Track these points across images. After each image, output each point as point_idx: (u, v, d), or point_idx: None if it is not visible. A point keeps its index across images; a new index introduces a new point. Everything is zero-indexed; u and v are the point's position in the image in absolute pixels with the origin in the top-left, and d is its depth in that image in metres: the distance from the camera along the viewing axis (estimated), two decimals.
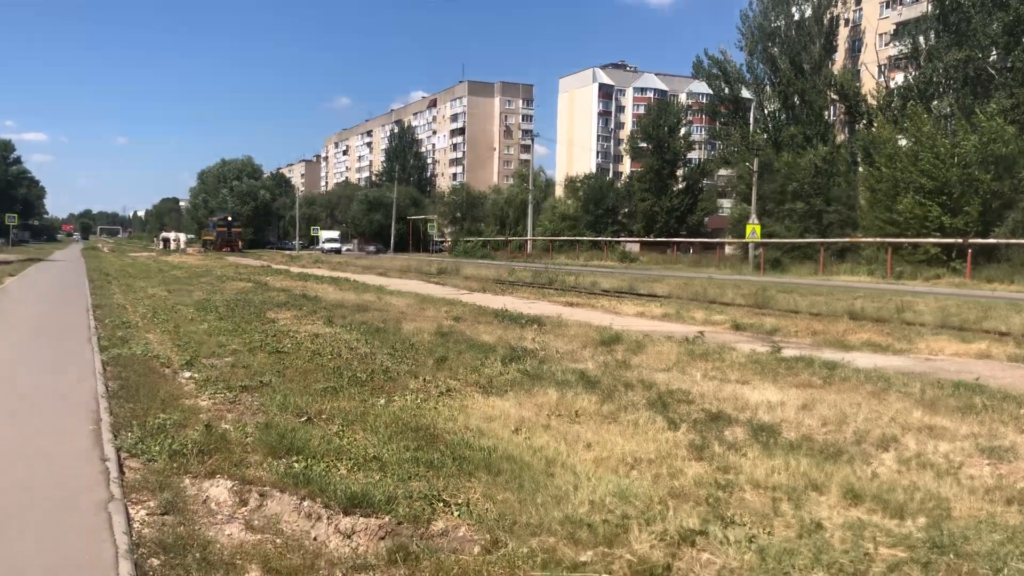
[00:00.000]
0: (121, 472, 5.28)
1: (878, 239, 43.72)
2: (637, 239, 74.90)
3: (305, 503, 4.82)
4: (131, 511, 4.64)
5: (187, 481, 5.24)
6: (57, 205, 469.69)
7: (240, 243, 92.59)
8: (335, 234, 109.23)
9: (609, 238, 73.43)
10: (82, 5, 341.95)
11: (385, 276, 33.40)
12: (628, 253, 67.44)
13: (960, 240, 38.78)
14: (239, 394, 8.13)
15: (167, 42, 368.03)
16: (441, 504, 4.70)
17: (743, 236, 55.27)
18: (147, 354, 10.45)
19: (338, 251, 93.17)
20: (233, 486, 5.12)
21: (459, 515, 4.55)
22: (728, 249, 62.13)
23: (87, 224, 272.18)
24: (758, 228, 48.56)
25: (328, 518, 4.66)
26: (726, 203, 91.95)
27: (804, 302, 20.70)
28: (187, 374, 9.31)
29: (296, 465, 5.50)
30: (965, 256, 38.88)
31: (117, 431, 6.32)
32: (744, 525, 4.25)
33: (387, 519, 4.57)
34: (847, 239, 48.49)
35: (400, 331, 12.87)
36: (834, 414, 6.72)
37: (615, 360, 9.91)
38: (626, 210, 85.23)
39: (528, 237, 76.81)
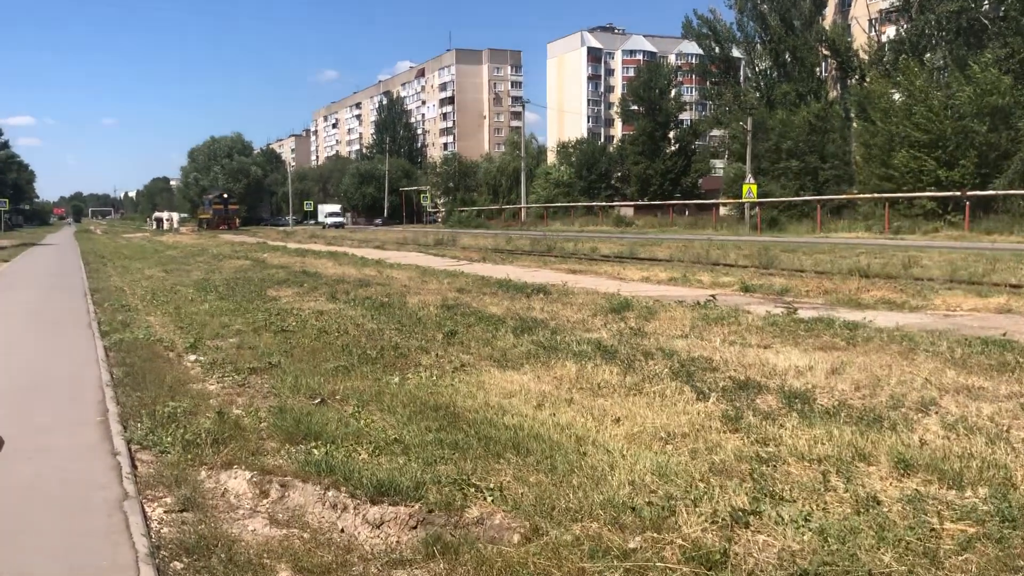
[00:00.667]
0: (134, 467, 5.06)
1: (874, 195, 43.42)
2: (632, 203, 74.42)
3: (329, 493, 4.60)
4: (148, 509, 4.42)
5: (203, 473, 5.02)
6: (48, 189, 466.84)
7: (237, 220, 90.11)
8: (336, 207, 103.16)
9: (604, 203, 72.98)
10: None
11: (383, 249, 33.07)
12: (623, 217, 67.01)
13: (958, 193, 38.52)
14: (248, 376, 7.90)
15: (152, 20, 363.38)
16: (472, 489, 4.48)
17: (739, 196, 54.90)
18: (150, 338, 10.21)
19: (341, 225, 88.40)
20: (252, 477, 4.90)
21: (493, 501, 4.32)
22: (724, 210, 61.77)
23: (79, 207, 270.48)
24: (754, 188, 48.23)
25: (355, 508, 4.45)
26: (719, 164, 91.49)
27: (808, 260, 20.49)
28: (192, 357, 9.07)
29: (316, 451, 5.28)
30: (962, 209, 38.68)
31: (126, 422, 6.08)
32: (795, 502, 4.04)
33: (417, 507, 4.35)
34: (844, 196, 48.19)
35: (405, 305, 12.62)
36: (866, 377, 6.51)
37: (629, 328, 9.68)
38: (619, 174, 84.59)
39: (522, 205, 76.36)
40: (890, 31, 58.12)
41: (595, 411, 5.90)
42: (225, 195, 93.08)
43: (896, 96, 46.47)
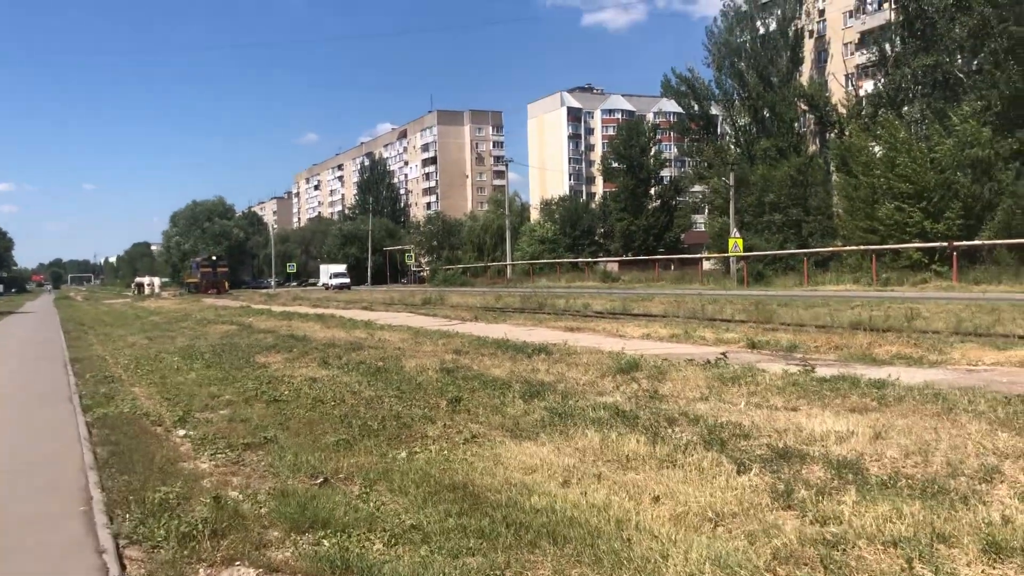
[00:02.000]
0: (122, 567, 4.49)
1: (861, 247, 43.50)
2: (617, 259, 74.50)
3: None
4: None
5: (202, 572, 4.45)
6: (26, 255, 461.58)
7: (227, 283, 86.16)
8: (342, 267, 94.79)
9: (589, 259, 73.01)
10: (41, 51, 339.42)
11: (370, 310, 32.53)
12: (609, 273, 66.94)
13: (945, 244, 38.61)
14: (242, 453, 7.36)
15: (132, 86, 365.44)
16: None
17: (723, 250, 55.00)
18: (135, 412, 9.62)
19: (347, 287, 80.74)
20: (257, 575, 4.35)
21: None
22: (708, 264, 61.79)
23: (58, 273, 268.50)
24: (740, 242, 48.25)
25: None
26: (700, 219, 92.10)
27: (807, 314, 20.16)
28: (182, 432, 8.51)
29: (325, 543, 4.74)
30: (947, 260, 38.76)
31: (112, 512, 5.51)
32: None
33: None
34: (830, 248, 48.26)
35: (402, 369, 12.11)
36: (913, 443, 6.05)
37: (643, 390, 9.21)
38: (602, 230, 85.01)
39: (508, 262, 76.20)
40: (867, 85, 59.06)
41: (629, 488, 5.40)
42: (214, 257, 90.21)
43: (876, 149, 46.92)
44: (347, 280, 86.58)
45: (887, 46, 56.09)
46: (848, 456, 5.82)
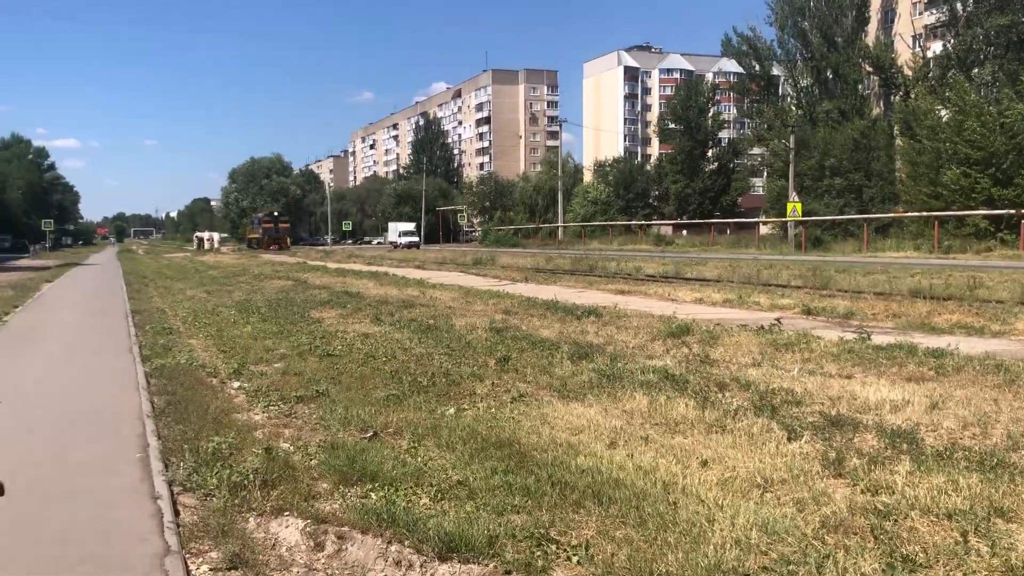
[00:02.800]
0: (176, 514, 4.60)
1: (923, 213, 42.32)
2: (671, 222, 73.67)
3: (392, 547, 4.12)
4: (192, 567, 3.96)
5: (252, 522, 4.55)
6: (91, 209, 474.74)
7: (288, 240, 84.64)
8: (410, 225, 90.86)
9: (643, 222, 72.31)
10: (106, 9, 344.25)
11: (423, 268, 32.72)
12: (663, 236, 66.28)
13: (1013, 212, 37.32)
14: (294, 406, 7.48)
15: (191, 44, 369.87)
16: (553, 546, 3.97)
17: (781, 214, 53.96)
18: (192, 363, 9.83)
19: (416, 245, 79.27)
20: (306, 526, 4.42)
21: (579, 562, 3.81)
22: (765, 228, 60.71)
23: (121, 227, 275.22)
24: (799, 206, 47.25)
25: (422, 566, 3.95)
26: (758, 182, 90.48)
27: (865, 281, 19.72)
28: (236, 384, 8.67)
29: (373, 495, 4.80)
30: (1015, 228, 37.47)
31: (167, 459, 5.65)
32: (934, 568, 3.48)
33: (492, 566, 3.86)
34: (891, 214, 47.07)
35: (452, 328, 12.17)
36: (971, 414, 5.90)
37: (693, 354, 9.12)
38: (656, 192, 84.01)
39: (560, 224, 75.83)
40: (936, 47, 57.02)
41: (677, 452, 5.36)
42: (276, 213, 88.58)
43: (943, 113, 45.42)
44: (416, 238, 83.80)
45: (958, 5, 54.02)
46: (903, 426, 5.70)
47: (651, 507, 4.33)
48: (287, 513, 4.62)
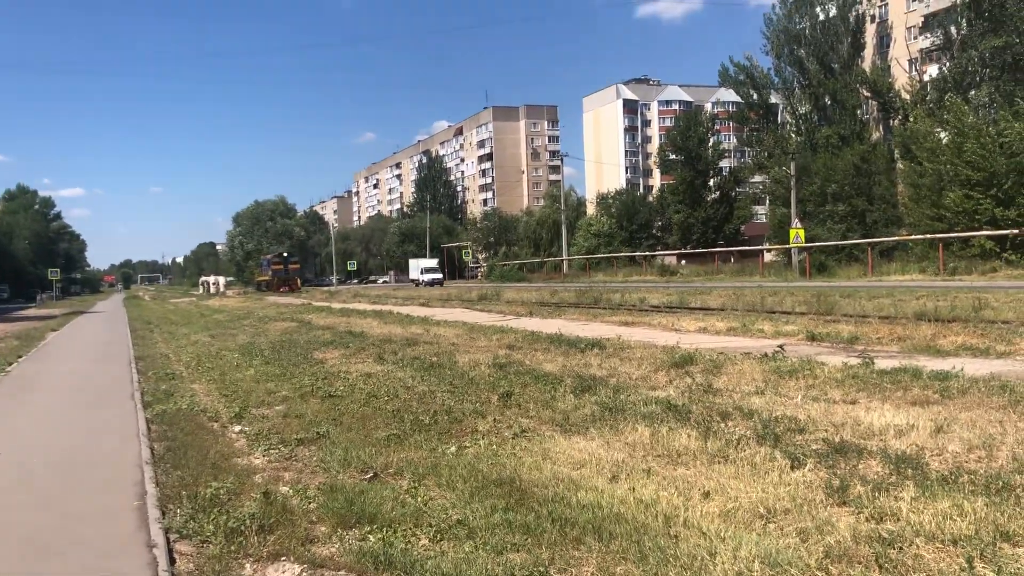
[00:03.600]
0: (171, 562, 4.55)
1: (927, 235, 42.27)
2: (675, 252, 73.79)
3: None
4: None
5: (248, 568, 4.49)
6: (98, 256, 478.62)
7: (299, 281, 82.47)
8: (433, 262, 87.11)
9: (647, 252, 72.39)
10: (109, 62, 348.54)
11: (427, 306, 32.71)
12: (667, 266, 66.33)
13: (1017, 231, 37.26)
14: (295, 449, 7.43)
15: (193, 91, 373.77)
16: None
17: (784, 241, 54.01)
18: (193, 408, 9.80)
19: (440, 282, 74.83)
20: (302, 571, 4.37)
21: None
22: (769, 256, 60.71)
23: (128, 273, 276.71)
24: (802, 232, 47.25)
25: None
26: (761, 210, 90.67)
27: (870, 305, 19.64)
28: (237, 428, 8.64)
29: (371, 538, 4.75)
30: (1019, 248, 37.39)
31: (165, 507, 5.60)
32: None
33: None
34: (895, 238, 47.04)
35: (455, 365, 12.12)
36: (977, 437, 5.83)
37: (696, 384, 9.06)
38: (659, 223, 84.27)
39: (564, 257, 75.95)
40: (932, 70, 57.44)
41: (679, 483, 5.29)
42: (285, 254, 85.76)
43: (943, 135, 45.57)
44: (440, 275, 79.81)
45: (952, 28, 54.54)
46: (907, 451, 5.62)
47: (652, 541, 4.26)
48: (283, 558, 4.56)
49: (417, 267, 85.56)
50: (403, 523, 4.96)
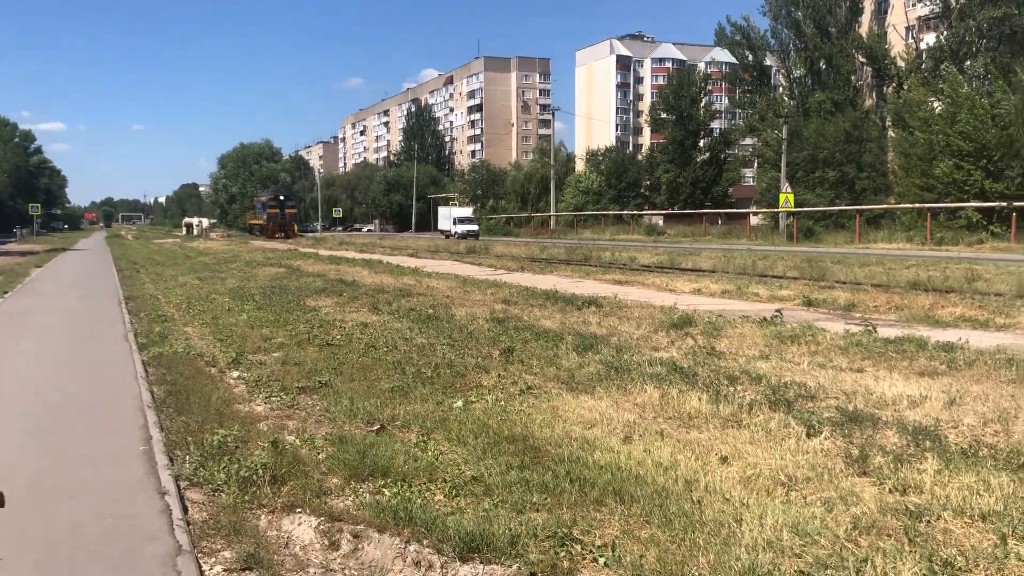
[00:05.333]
0: (185, 510, 4.47)
1: (916, 204, 42.38)
2: (663, 212, 73.66)
3: (411, 547, 3.99)
4: (205, 566, 3.82)
5: (264, 519, 4.42)
6: (79, 194, 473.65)
7: (295, 227, 75.85)
8: (468, 211, 76.51)
9: (635, 211, 72.24)
10: None
11: (416, 257, 32.56)
12: (654, 226, 66.31)
13: (1004, 204, 37.37)
14: (296, 397, 7.34)
15: (180, 29, 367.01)
16: (578, 547, 3.85)
17: (772, 205, 53.99)
18: (189, 352, 9.67)
19: (475, 234, 63.62)
20: (319, 524, 4.30)
21: (606, 563, 3.69)
22: (756, 219, 60.73)
23: (109, 212, 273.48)
24: (791, 197, 47.23)
25: (442, 567, 3.83)
26: (749, 172, 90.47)
27: (862, 272, 19.70)
28: (235, 374, 8.53)
29: (386, 492, 4.68)
30: (1006, 220, 37.55)
31: (172, 452, 5.51)
32: (975, 573, 3.38)
33: (515, 567, 3.73)
34: (884, 206, 47.12)
35: (452, 318, 12.04)
36: (991, 410, 5.81)
37: (698, 346, 9.02)
38: (648, 182, 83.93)
39: (552, 213, 75.64)
40: (929, 38, 57.04)
41: (694, 447, 5.25)
42: (282, 197, 77.87)
43: (936, 104, 45.43)
44: (476, 227, 67.25)
45: None
46: (923, 422, 5.60)
47: (675, 505, 4.22)
48: (299, 510, 4.49)
49: (448, 216, 72.83)
50: (417, 477, 4.90)
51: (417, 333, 10.70)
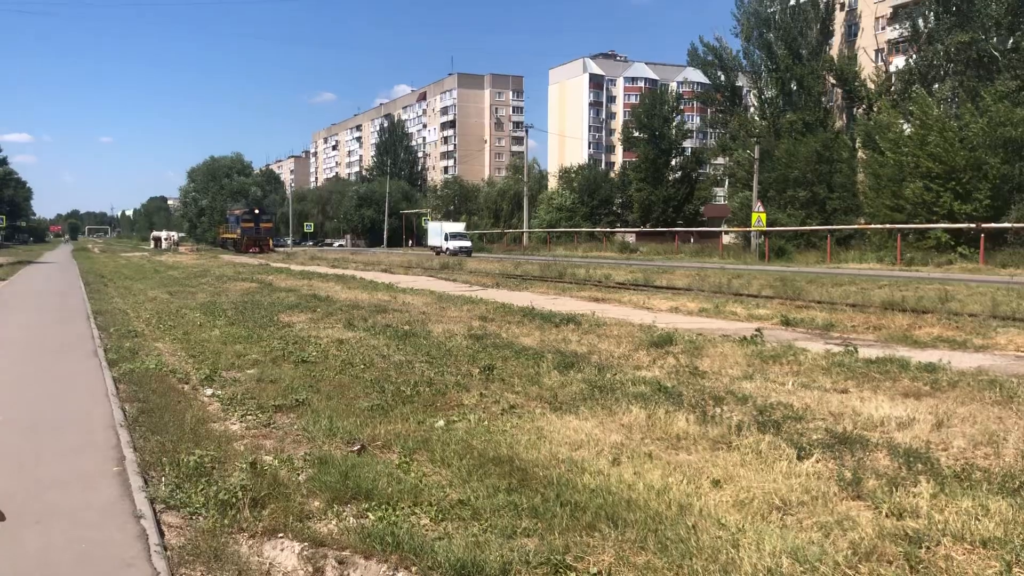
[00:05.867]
0: (161, 534, 4.28)
1: (887, 225, 42.86)
2: (635, 229, 73.95)
3: (399, 575, 3.85)
4: None
5: (244, 544, 4.25)
6: (44, 206, 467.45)
7: (271, 241, 74.24)
8: (460, 226, 71.04)
9: (607, 229, 72.46)
10: (62, 4, 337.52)
11: (390, 272, 32.33)
12: (627, 244, 66.53)
13: (973, 225, 37.92)
14: (273, 415, 7.16)
15: (149, 41, 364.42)
16: (572, 574, 3.74)
17: (744, 224, 54.44)
18: (161, 368, 9.44)
19: (468, 251, 59.19)
20: (303, 550, 4.14)
21: None
22: (728, 238, 61.17)
23: (75, 225, 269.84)
24: (764, 216, 47.58)
25: None
26: (720, 192, 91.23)
27: (836, 292, 19.81)
28: (209, 391, 8.32)
29: (371, 515, 4.53)
30: (974, 242, 38.10)
31: (147, 473, 5.31)
32: None
33: None
34: (854, 226, 47.64)
35: (430, 334, 11.89)
36: (979, 432, 5.78)
37: (681, 366, 8.95)
38: (621, 200, 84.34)
39: (525, 229, 75.71)
40: (898, 61, 57.97)
41: (684, 470, 5.15)
42: (256, 211, 75.30)
43: (906, 127, 46.09)
44: (469, 243, 62.95)
45: (920, 21, 54.98)
46: (913, 444, 5.55)
47: (670, 531, 4.11)
48: (281, 535, 4.33)
49: (439, 231, 68.09)
50: (401, 500, 4.76)
51: (394, 350, 10.55)
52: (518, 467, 5.30)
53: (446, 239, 63.55)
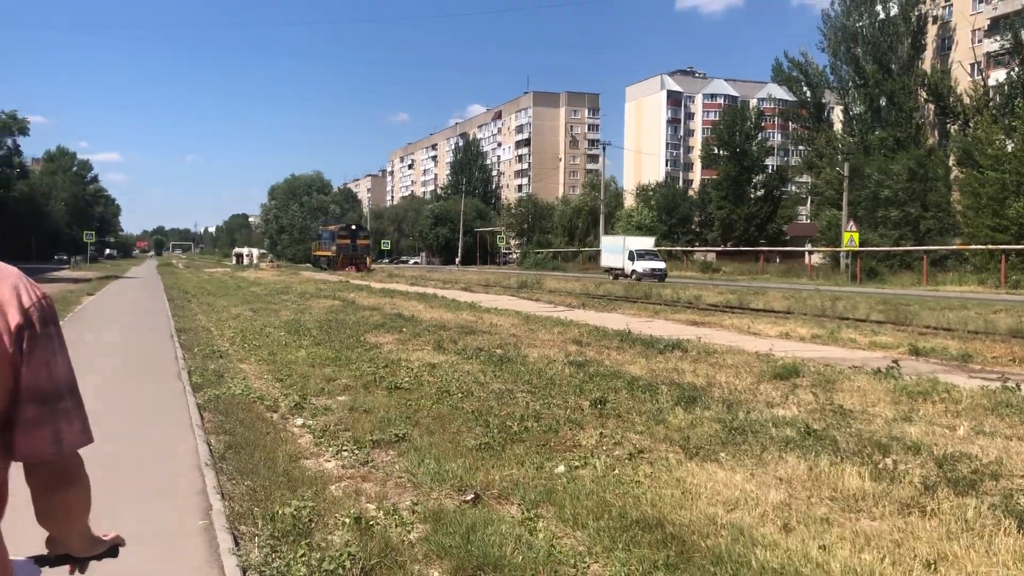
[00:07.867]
0: None
1: (988, 246, 40.61)
2: (716, 248, 72.19)
3: None
4: None
5: None
6: (131, 222, 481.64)
7: (369, 259, 67.90)
8: (649, 242, 55.14)
9: (687, 247, 70.89)
10: (151, 28, 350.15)
11: (469, 291, 31.70)
12: (708, 263, 64.91)
13: None
14: (371, 452, 6.44)
15: (232, 63, 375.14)
16: None
17: (832, 244, 52.43)
18: (248, 394, 8.81)
19: (663, 276, 46.67)
20: None
21: None
22: (815, 258, 59.08)
23: (160, 240, 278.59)
24: (856, 236, 45.58)
25: None
26: (803, 210, 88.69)
27: (952, 317, 18.37)
28: (299, 421, 7.65)
29: None
30: None
31: (236, 528, 4.58)
32: None
33: None
34: (953, 247, 45.33)
35: (526, 360, 11.09)
36: None
37: (820, 403, 7.94)
38: (700, 218, 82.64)
39: (601, 248, 74.51)
40: (998, 74, 55.31)
41: (880, 543, 4.20)
42: (354, 227, 71.26)
43: (1008, 143, 43.75)
44: (663, 265, 49.52)
45: (1023, 32, 52.45)
46: None
47: None
48: None
49: (619, 247, 53.05)
50: (537, 574, 3.93)
51: (492, 377, 9.77)
52: (670, 533, 4.42)
53: (631, 258, 49.64)
